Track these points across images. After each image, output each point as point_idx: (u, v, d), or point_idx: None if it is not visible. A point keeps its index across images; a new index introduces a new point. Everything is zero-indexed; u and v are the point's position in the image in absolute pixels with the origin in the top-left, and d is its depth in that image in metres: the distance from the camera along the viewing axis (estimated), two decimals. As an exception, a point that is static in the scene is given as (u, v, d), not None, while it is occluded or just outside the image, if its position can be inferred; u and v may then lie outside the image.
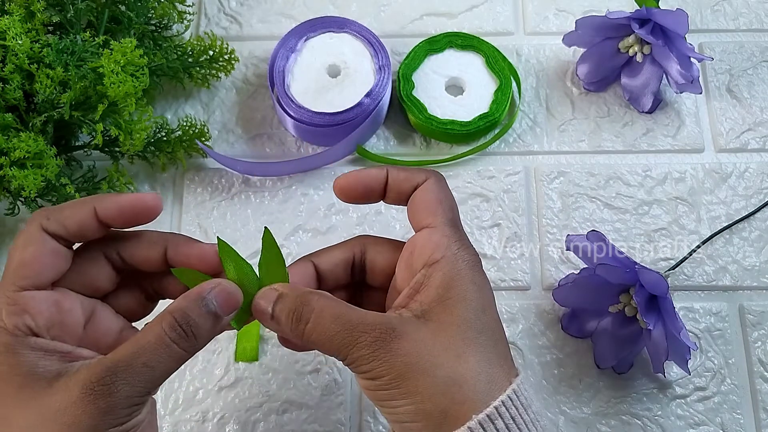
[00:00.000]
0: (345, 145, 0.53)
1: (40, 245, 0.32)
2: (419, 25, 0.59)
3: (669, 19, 0.50)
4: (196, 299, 0.32)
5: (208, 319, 0.32)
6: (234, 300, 0.33)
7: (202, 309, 0.32)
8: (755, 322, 0.49)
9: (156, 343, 0.31)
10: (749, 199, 0.53)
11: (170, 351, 0.31)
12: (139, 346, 0.30)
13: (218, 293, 0.32)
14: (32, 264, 0.31)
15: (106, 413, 0.29)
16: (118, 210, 0.33)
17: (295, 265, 0.37)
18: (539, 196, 0.53)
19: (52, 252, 0.32)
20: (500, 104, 0.54)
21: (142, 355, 0.30)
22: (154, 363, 0.30)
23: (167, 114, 0.56)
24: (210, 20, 0.60)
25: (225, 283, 0.33)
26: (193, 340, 0.32)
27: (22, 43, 0.46)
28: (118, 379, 0.29)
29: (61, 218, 0.32)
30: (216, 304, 0.32)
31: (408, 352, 0.31)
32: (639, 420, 0.47)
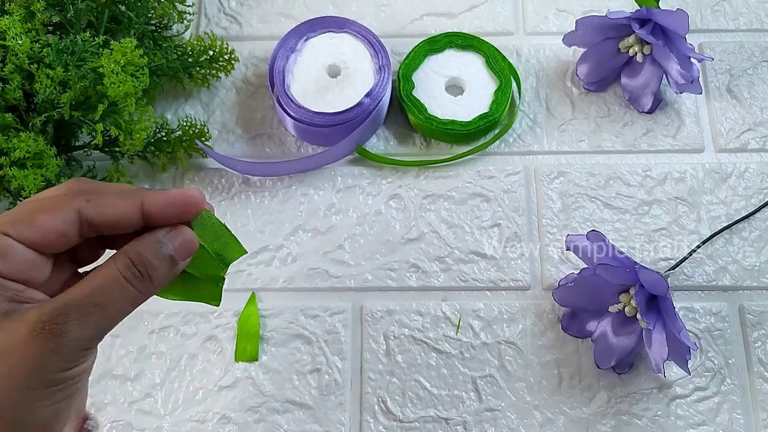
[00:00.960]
0: (345, 145, 0.53)
1: (62, 222, 0.29)
2: (419, 25, 0.59)
3: (669, 20, 0.50)
4: (152, 241, 0.31)
5: (163, 261, 0.31)
6: (190, 245, 0.32)
7: (159, 251, 0.31)
8: (755, 322, 0.49)
9: (110, 282, 0.29)
10: (749, 199, 0.53)
11: (125, 291, 0.30)
12: (93, 286, 0.29)
13: (174, 236, 0.31)
14: (40, 231, 0.29)
15: (54, 354, 0.28)
16: (166, 204, 0.31)
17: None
18: (539, 196, 0.53)
19: (64, 235, 0.30)
20: (500, 104, 0.54)
21: (96, 296, 0.29)
22: (107, 303, 0.29)
23: (167, 114, 0.56)
24: (210, 20, 0.60)
25: (181, 227, 0.32)
26: (148, 282, 0.30)
27: (22, 43, 0.46)
28: (70, 319, 0.28)
29: (101, 205, 0.30)
30: (172, 248, 0.31)
31: None
32: (639, 420, 0.47)
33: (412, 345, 0.49)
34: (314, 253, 0.51)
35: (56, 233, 0.29)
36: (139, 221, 0.31)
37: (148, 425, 0.47)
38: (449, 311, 0.50)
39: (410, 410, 0.47)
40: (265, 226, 0.53)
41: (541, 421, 0.47)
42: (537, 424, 0.47)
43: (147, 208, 0.31)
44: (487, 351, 0.49)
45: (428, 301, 0.50)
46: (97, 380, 0.48)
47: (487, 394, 0.48)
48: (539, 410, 0.47)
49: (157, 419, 0.47)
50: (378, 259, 0.51)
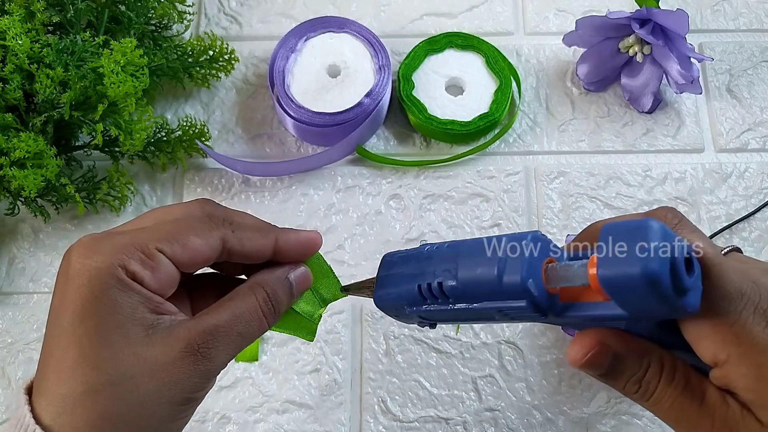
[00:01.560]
0: (345, 145, 0.53)
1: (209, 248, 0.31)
2: (419, 25, 0.59)
3: (669, 20, 0.50)
4: (283, 276, 0.33)
5: (287, 297, 0.33)
6: (307, 282, 0.35)
7: (286, 286, 0.33)
8: (755, 322, 0.49)
9: (251, 313, 0.31)
10: (749, 199, 0.53)
11: (261, 324, 0.32)
12: (236, 314, 0.31)
13: (298, 274, 0.34)
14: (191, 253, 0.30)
15: (201, 376, 0.29)
16: (297, 244, 0.34)
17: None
18: (539, 196, 0.53)
19: (208, 259, 0.31)
20: (500, 104, 0.54)
21: (239, 324, 0.30)
22: (246, 333, 0.31)
23: (167, 114, 0.56)
24: (210, 20, 0.60)
25: (302, 265, 0.34)
26: (276, 316, 0.33)
27: (22, 43, 0.46)
28: (218, 344, 0.29)
29: (244, 238, 0.32)
30: (294, 284, 0.34)
31: None
32: (639, 420, 0.47)
33: (412, 345, 0.49)
34: (314, 253, 0.51)
35: (203, 256, 0.31)
36: (269, 256, 0.33)
37: (148, 425, 0.47)
38: (449, 311, 0.50)
39: (410, 410, 0.47)
40: (265, 226, 0.53)
41: (541, 421, 0.47)
42: (537, 424, 0.47)
43: (280, 245, 0.33)
44: (487, 351, 0.49)
45: (428, 301, 0.50)
46: (97, 380, 0.48)
47: (487, 394, 0.48)
48: (539, 410, 0.47)
49: (157, 419, 0.47)
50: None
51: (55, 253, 0.52)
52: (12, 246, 0.52)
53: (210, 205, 0.33)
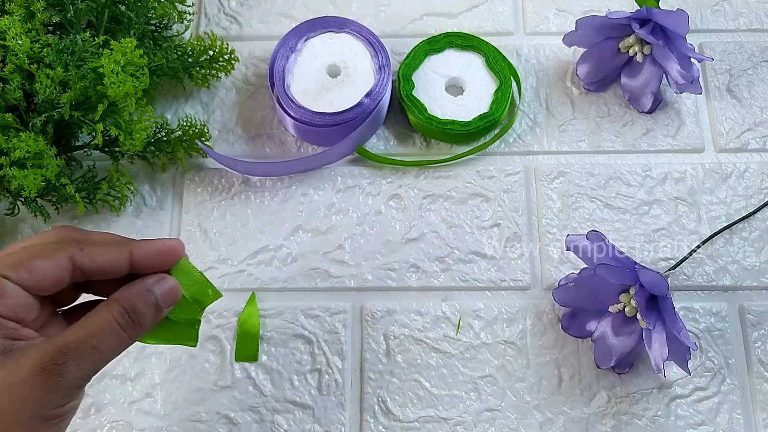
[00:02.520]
0: (345, 145, 0.53)
1: (57, 268, 0.32)
2: (419, 25, 0.59)
3: (669, 20, 0.50)
4: (142, 290, 0.34)
5: (151, 310, 0.34)
6: (175, 294, 0.35)
7: (147, 299, 0.34)
8: (755, 322, 0.49)
9: (105, 328, 0.32)
10: (749, 199, 0.53)
11: (118, 337, 0.33)
12: (89, 330, 0.32)
13: (161, 286, 0.34)
14: (38, 276, 0.32)
15: (53, 392, 0.30)
16: (153, 254, 0.34)
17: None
18: (539, 196, 0.53)
19: (58, 280, 0.32)
20: (500, 104, 0.54)
21: (92, 339, 0.31)
22: (102, 347, 0.32)
23: (167, 114, 0.56)
24: (210, 20, 0.60)
25: (167, 277, 0.35)
26: (138, 328, 0.33)
27: (22, 43, 0.46)
28: (69, 360, 0.30)
29: (93, 253, 0.33)
30: (159, 296, 0.34)
31: None
32: (639, 420, 0.47)
33: (412, 345, 0.49)
34: (314, 253, 0.51)
35: (52, 278, 0.32)
36: (126, 269, 0.34)
37: (148, 425, 0.47)
38: (449, 311, 0.50)
39: (410, 410, 0.47)
40: (265, 226, 0.53)
41: (541, 421, 0.47)
42: (537, 424, 0.47)
43: (135, 256, 0.34)
44: (487, 351, 0.49)
45: (428, 301, 0.50)
46: (97, 380, 0.48)
47: (487, 394, 0.48)
48: (539, 410, 0.47)
49: (157, 419, 0.47)
50: (378, 259, 0.51)
51: (55, 253, 0.52)
52: (12, 246, 0.52)
53: (66, 230, 0.34)
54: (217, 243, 0.52)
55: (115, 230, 0.52)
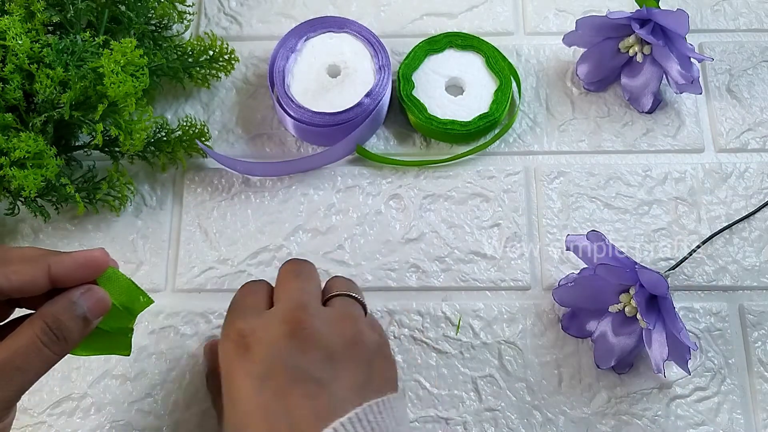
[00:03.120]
0: (345, 145, 0.53)
1: None
2: (419, 25, 0.59)
3: (669, 20, 0.50)
4: (67, 303, 0.32)
5: (78, 323, 0.32)
6: (103, 305, 0.34)
7: (73, 313, 0.32)
8: (755, 322, 0.49)
9: (28, 347, 0.31)
10: (749, 199, 0.53)
11: (42, 355, 0.31)
12: (11, 350, 0.31)
13: (88, 297, 0.33)
14: None
15: None
16: (73, 267, 0.33)
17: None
18: (539, 196, 0.53)
19: None
20: (500, 104, 0.54)
21: (15, 360, 0.30)
22: (26, 367, 0.31)
23: (167, 114, 0.56)
24: (210, 20, 0.60)
25: (94, 288, 0.33)
26: (63, 344, 0.32)
27: (22, 43, 0.46)
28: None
29: (8, 272, 0.32)
30: (86, 308, 0.33)
31: None
32: (639, 420, 0.47)
33: (412, 345, 0.49)
34: (314, 253, 0.51)
35: None
36: (46, 285, 0.32)
37: (148, 425, 0.47)
38: (449, 311, 0.50)
39: (410, 410, 0.47)
40: (265, 226, 0.53)
41: (541, 421, 0.47)
42: (537, 424, 0.47)
43: (54, 271, 0.32)
44: (487, 351, 0.49)
45: (428, 301, 0.50)
46: (97, 380, 0.48)
47: (487, 394, 0.48)
48: (539, 410, 0.47)
49: (157, 419, 0.47)
50: (378, 259, 0.51)
51: (55, 253, 0.52)
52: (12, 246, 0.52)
53: None
54: (217, 243, 0.52)
55: (115, 230, 0.53)
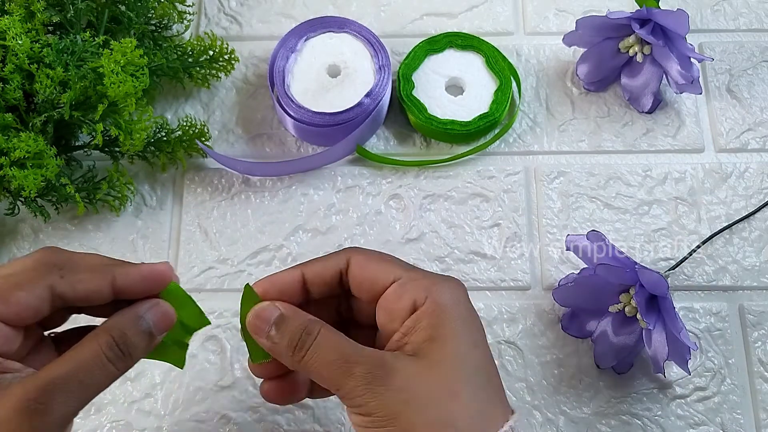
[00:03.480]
0: (345, 145, 0.53)
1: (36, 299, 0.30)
2: (419, 25, 0.59)
3: (669, 20, 0.50)
4: (134, 318, 0.32)
5: (143, 339, 0.32)
6: (168, 319, 0.33)
7: (139, 327, 0.32)
8: (755, 322, 0.49)
9: (92, 361, 0.30)
10: (749, 199, 0.53)
11: (106, 370, 0.31)
12: (76, 364, 0.30)
13: (155, 312, 0.33)
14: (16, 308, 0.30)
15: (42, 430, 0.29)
16: (138, 280, 0.33)
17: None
18: (539, 196, 0.53)
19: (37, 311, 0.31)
20: (500, 104, 0.54)
21: (79, 374, 0.30)
22: (89, 381, 0.30)
23: (167, 114, 0.56)
24: (210, 20, 0.60)
25: (161, 302, 0.33)
26: (128, 359, 0.32)
27: (22, 43, 0.46)
28: (55, 397, 0.29)
29: (74, 281, 0.31)
30: (152, 323, 0.32)
31: (401, 389, 0.31)
32: (639, 420, 0.47)
33: (412, 345, 0.49)
34: (314, 253, 0.51)
35: (31, 309, 0.30)
36: (110, 296, 0.32)
37: (148, 425, 0.47)
38: (449, 311, 0.50)
39: (410, 410, 0.47)
40: (265, 226, 0.53)
41: (541, 421, 0.47)
42: (537, 424, 0.47)
43: (118, 283, 0.32)
44: (487, 351, 0.49)
45: (428, 301, 0.50)
46: (97, 380, 0.48)
47: (487, 394, 0.48)
48: (539, 410, 0.47)
49: (157, 419, 0.47)
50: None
51: (55, 253, 0.52)
52: (12, 246, 0.52)
53: (49, 252, 0.32)
54: (217, 243, 0.52)
55: (115, 230, 0.53)
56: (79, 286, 0.31)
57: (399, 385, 0.31)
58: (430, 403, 0.31)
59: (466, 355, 0.32)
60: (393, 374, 0.31)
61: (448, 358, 0.32)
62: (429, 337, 0.32)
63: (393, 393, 0.31)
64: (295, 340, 0.33)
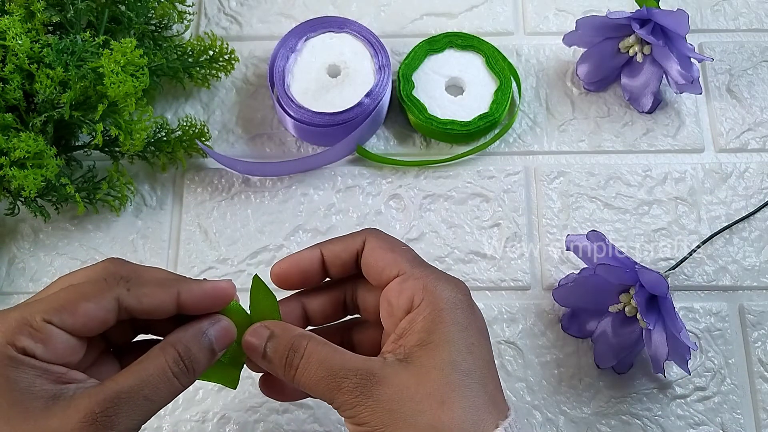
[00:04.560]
0: (345, 145, 0.53)
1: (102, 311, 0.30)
2: (419, 25, 0.59)
3: (669, 20, 0.50)
4: (197, 333, 0.32)
5: (205, 354, 0.32)
6: (229, 336, 0.34)
7: (202, 343, 0.32)
8: (755, 322, 0.49)
9: (158, 376, 0.30)
10: (749, 199, 0.53)
11: (170, 385, 0.31)
12: (142, 378, 0.30)
13: (217, 329, 0.33)
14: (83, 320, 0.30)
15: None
16: (202, 297, 0.33)
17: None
18: (539, 196, 0.53)
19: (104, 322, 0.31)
20: (500, 104, 0.54)
21: (145, 388, 0.30)
22: (154, 396, 0.30)
23: (167, 114, 0.56)
24: (210, 20, 0.60)
25: (223, 319, 0.33)
26: (191, 375, 0.32)
27: (22, 43, 0.46)
28: (120, 411, 0.29)
29: (140, 295, 0.31)
30: (213, 339, 0.33)
31: (390, 398, 0.31)
32: (639, 420, 0.47)
33: (412, 345, 0.49)
34: (314, 253, 0.51)
35: (97, 321, 0.30)
36: (173, 311, 0.32)
37: (148, 425, 0.47)
38: (449, 311, 0.50)
39: (410, 410, 0.47)
40: (265, 226, 0.53)
41: (541, 421, 0.47)
42: (537, 424, 0.47)
43: (182, 299, 0.32)
44: (487, 351, 0.49)
45: (428, 301, 0.50)
46: (97, 380, 0.48)
47: (487, 394, 0.48)
48: (539, 410, 0.47)
49: (157, 419, 0.47)
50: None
51: (55, 253, 0.52)
52: (12, 246, 0.52)
53: (114, 264, 0.33)
54: (217, 243, 0.52)
55: (115, 230, 0.53)
56: (145, 299, 0.31)
57: (388, 395, 0.31)
58: (420, 412, 0.30)
59: (459, 362, 0.32)
60: (381, 384, 0.31)
61: (438, 365, 0.32)
62: (421, 342, 0.32)
63: (382, 404, 0.31)
64: (283, 359, 0.33)
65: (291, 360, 0.33)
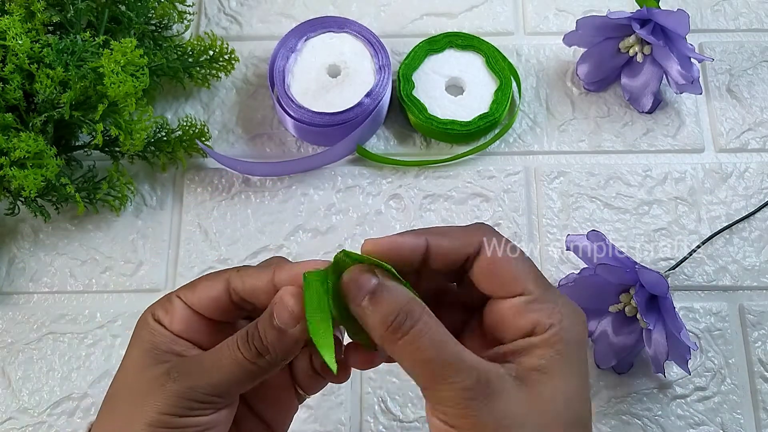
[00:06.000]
0: (345, 145, 0.53)
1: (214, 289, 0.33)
2: (419, 25, 0.59)
3: (670, 20, 0.50)
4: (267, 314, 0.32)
5: (272, 334, 0.31)
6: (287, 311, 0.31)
7: (268, 322, 0.31)
8: (755, 322, 0.49)
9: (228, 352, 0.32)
10: (749, 199, 0.53)
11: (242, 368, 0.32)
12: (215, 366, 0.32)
13: (277, 306, 0.32)
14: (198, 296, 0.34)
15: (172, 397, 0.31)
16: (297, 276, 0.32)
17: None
18: (539, 196, 0.53)
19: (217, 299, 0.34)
20: (500, 104, 0.54)
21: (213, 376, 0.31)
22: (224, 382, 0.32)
23: (167, 114, 0.56)
24: (210, 20, 0.60)
25: (285, 296, 0.32)
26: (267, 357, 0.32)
27: (22, 43, 0.46)
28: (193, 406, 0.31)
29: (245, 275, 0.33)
30: (276, 316, 0.31)
31: (502, 415, 0.28)
32: (639, 420, 0.47)
33: (412, 345, 0.49)
34: (314, 253, 0.51)
35: (209, 296, 0.33)
36: (272, 291, 0.33)
37: (148, 425, 0.47)
38: (449, 311, 0.50)
39: (410, 410, 0.47)
40: (265, 226, 0.53)
41: (541, 421, 0.47)
42: (537, 424, 0.47)
43: (276, 279, 0.33)
44: (487, 351, 0.49)
45: (428, 301, 0.50)
46: (97, 380, 0.48)
47: (487, 394, 0.48)
48: (539, 410, 0.47)
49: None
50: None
51: (55, 253, 0.52)
52: (12, 246, 0.52)
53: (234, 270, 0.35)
54: (217, 243, 0.52)
55: (115, 230, 0.53)
56: (248, 279, 0.33)
57: (500, 410, 0.29)
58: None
59: (573, 402, 0.30)
60: (496, 396, 0.29)
61: (557, 398, 0.30)
62: (540, 368, 0.30)
63: (491, 416, 0.28)
64: (390, 319, 0.30)
65: (399, 324, 0.30)
